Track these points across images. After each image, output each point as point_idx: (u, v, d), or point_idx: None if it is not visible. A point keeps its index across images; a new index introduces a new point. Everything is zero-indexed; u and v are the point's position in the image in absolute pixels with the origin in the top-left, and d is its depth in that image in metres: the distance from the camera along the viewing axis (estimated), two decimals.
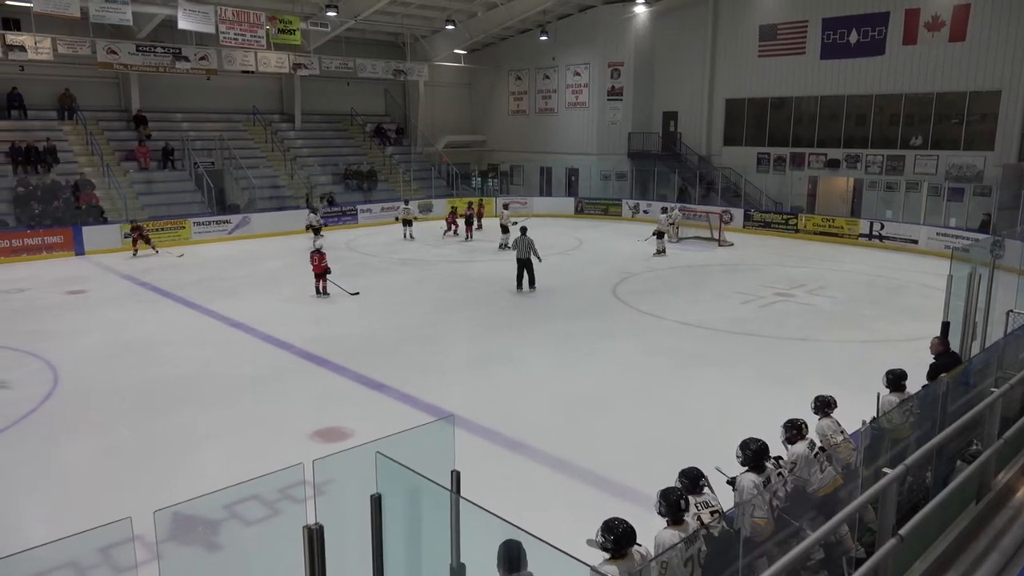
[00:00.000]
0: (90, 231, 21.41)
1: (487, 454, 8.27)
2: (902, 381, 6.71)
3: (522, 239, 16.17)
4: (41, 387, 10.39)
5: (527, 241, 16.07)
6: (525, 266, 16.16)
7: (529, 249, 15.99)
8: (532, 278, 16.25)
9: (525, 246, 16.03)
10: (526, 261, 16.12)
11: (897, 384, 6.68)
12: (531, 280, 16.26)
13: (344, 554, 3.47)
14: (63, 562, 2.89)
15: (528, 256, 16.04)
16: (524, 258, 16.11)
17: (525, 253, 16.04)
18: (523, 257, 16.11)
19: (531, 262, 16.10)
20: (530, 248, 15.99)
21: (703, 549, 4.02)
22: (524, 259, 16.12)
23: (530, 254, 16.02)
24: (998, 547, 4.59)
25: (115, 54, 23.42)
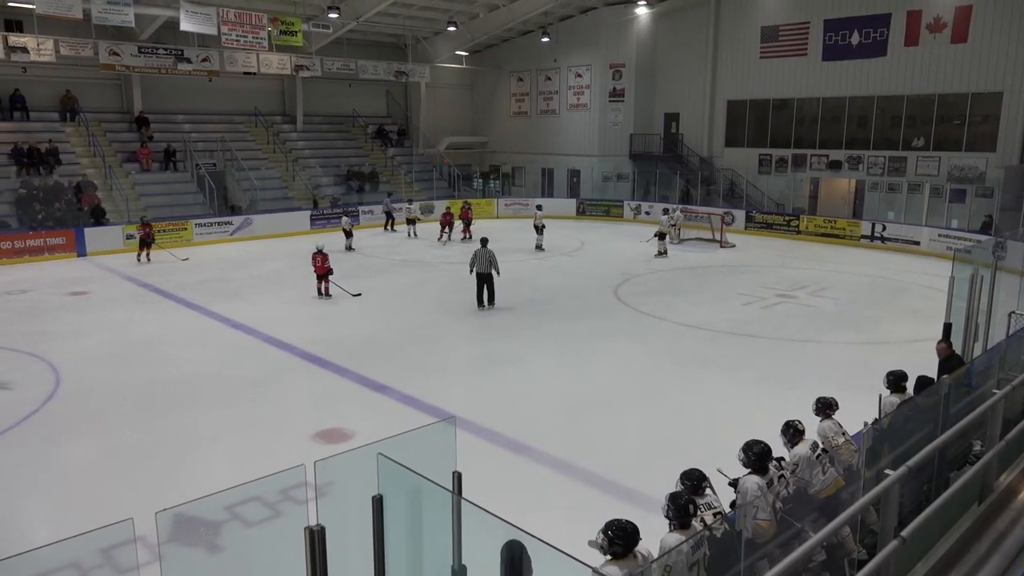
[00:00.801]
0: (92, 232, 21.44)
1: (489, 455, 8.27)
2: (903, 382, 6.70)
3: (482, 252, 14.77)
4: (43, 388, 10.40)
5: (487, 254, 14.72)
6: (485, 281, 14.83)
7: (490, 263, 14.69)
8: (492, 294, 14.92)
9: (486, 259, 14.68)
10: (487, 276, 14.79)
11: (898, 385, 6.67)
12: (491, 296, 14.92)
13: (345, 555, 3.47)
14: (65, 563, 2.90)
15: (489, 271, 14.73)
16: (484, 272, 14.75)
17: (485, 267, 14.69)
18: (483, 271, 14.74)
19: (492, 277, 14.81)
20: (491, 262, 14.70)
21: (707, 554, 4.02)
22: (484, 274, 14.77)
23: (491, 268, 14.74)
24: (1000, 549, 4.58)
25: (117, 55, 23.46)
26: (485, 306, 14.84)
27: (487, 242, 15.15)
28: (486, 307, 14.83)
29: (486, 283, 14.82)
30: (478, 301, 14.87)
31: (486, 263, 14.70)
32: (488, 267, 14.72)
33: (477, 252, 14.84)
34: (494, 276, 14.82)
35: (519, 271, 19.33)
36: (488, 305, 14.85)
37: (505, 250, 22.51)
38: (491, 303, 14.90)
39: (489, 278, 14.82)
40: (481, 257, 14.74)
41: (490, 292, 14.89)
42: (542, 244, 22.51)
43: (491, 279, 14.82)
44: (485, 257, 14.72)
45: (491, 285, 14.88)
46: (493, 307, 14.84)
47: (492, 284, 14.88)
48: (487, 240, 15.26)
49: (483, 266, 14.71)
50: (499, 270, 14.84)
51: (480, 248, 14.91)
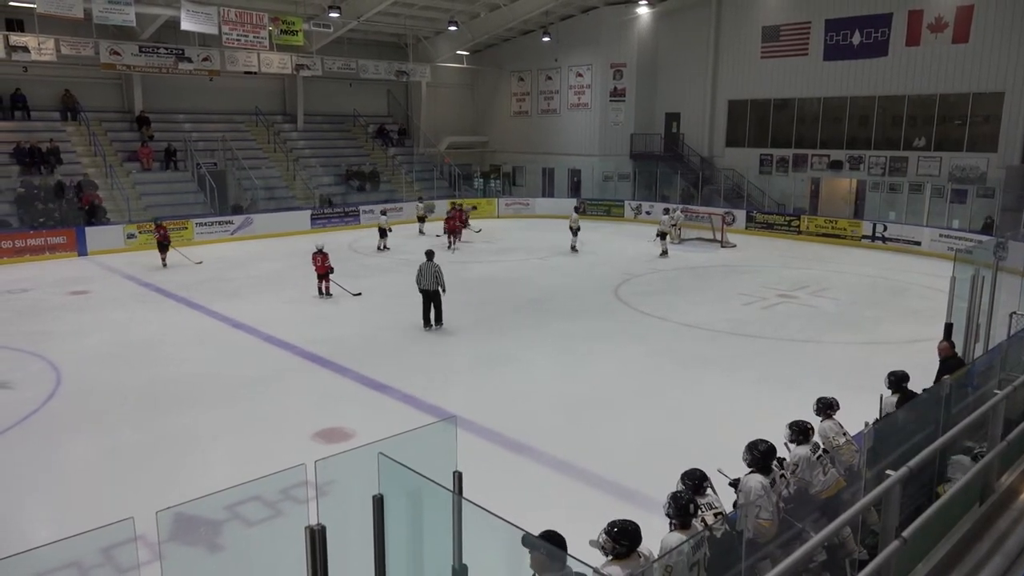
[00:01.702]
0: (93, 232, 21.45)
1: (489, 455, 8.27)
2: (904, 383, 6.70)
3: (427, 266, 13.32)
4: (44, 387, 10.40)
5: (433, 269, 13.26)
6: (432, 299, 13.37)
7: (436, 279, 13.25)
8: (439, 313, 13.45)
9: (431, 275, 13.23)
10: (433, 294, 13.32)
11: (899, 386, 6.67)
12: (438, 315, 13.44)
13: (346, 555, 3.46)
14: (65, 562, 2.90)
15: (435, 287, 13.28)
16: (430, 290, 13.29)
17: (431, 283, 13.25)
18: (429, 288, 13.27)
19: (439, 294, 13.37)
20: (437, 277, 13.25)
21: (708, 554, 4.02)
22: (430, 291, 13.30)
23: (437, 285, 13.30)
24: (1001, 549, 4.57)
25: (118, 55, 23.47)
26: (432, 326, 13.39)
27: (433, 255, 13.71)
28: (432, 327, 13.38)
29: (432, 301, 13.38)
30: (424, 321, 13.41)
31: (431, 279, 13.26)
32: (434, 283, 13.28)
33: (422, 267, 13.35)
34: (441, 294, 13.43)
35: (519, 271, 19.35)
36: (435, 325, 13.41)
37: (505, 250, 22.59)
38: (438, 322, 13.46)
39: (436, 296, 13.40)
40: (426, 272, 13.29)
41: (437, 311, 13.46)
42: (576, 245, 22.21)
43: (438, 297, 13.42)
44: (431, 272, 13.27)
45: (438, 303, 13.46)
46: (441, 327, 13.41)
47: (439, 302, 13.46)
48: (433, 254, 13.78)
49: (428, 282, 13.27)
50: (445, 287, 13.43)
51: (425, 262, 13.43)
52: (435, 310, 13.44)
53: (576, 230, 22.46)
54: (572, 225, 22.56)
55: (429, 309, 13.42)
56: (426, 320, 13.43)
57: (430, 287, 13.28)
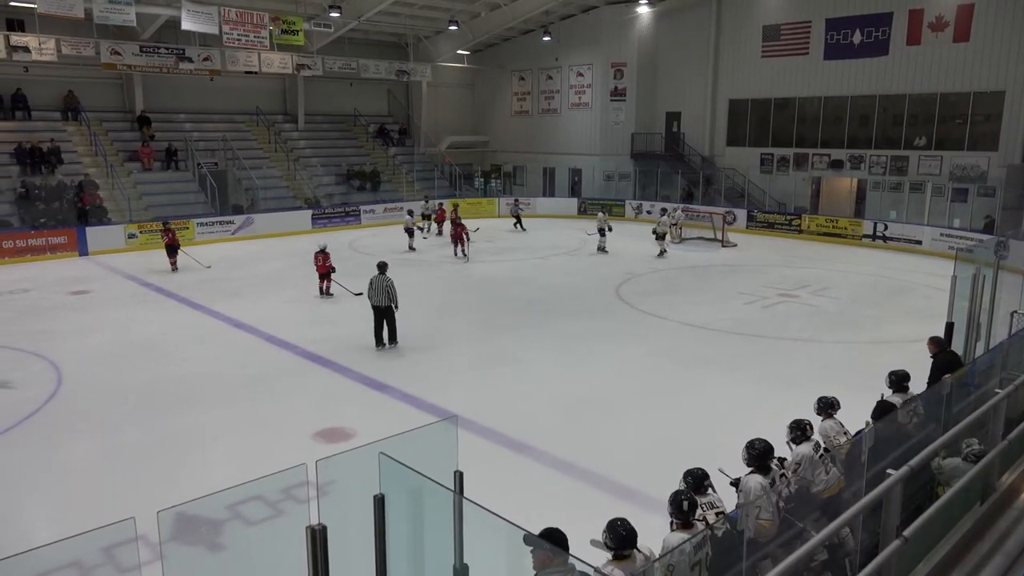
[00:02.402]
0: (94, 232, 21.46)
1: (490, 455, 8.27)
2: (905, 382, 6.70)
3: (378, 280, 12.13)
4: (45, 387, 10.41)
5: (385, 283, 12.07)
6: (384, 316, 12.18)
7: (388, 294, 12.07)
8: (393, 331, 12.28)
9: (383, 289, 12.04)
10: (385, 310, 12.12)
11: (900, 385, 6.68)
12: (391, 333, 12.27)
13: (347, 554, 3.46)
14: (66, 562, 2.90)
15: (389, 303, 12.09)
16: (382, 306, 12.10)
17: (383, 299, 12.05)
18: (381, 305, 12.09)
19: (392, 311, 12.18)
20: (389, 292, 12.06)
21: (709, 554, 4.02)
22: (383, 307, 12.11)
23: (390, 301, 12.11)
24: (1002, 549, 4.57)
25: (119, 55, 23.48)
26: (385, 345, 12.22)
27: (385, 268, 12.44)
28: (386, 346, 12.22)
29: (385, 318, 12.18)
30: (376, 339, 12.23)
31: (383, 294, 12.05)
32: (386, 299, 12.06)
33: (373, 280, 12.20)
34: (394, 310, 12.23)
35: (520, 270, 19.34)
36: (389, 344, 12.24)
37: (505, 249, 22.58)
38: (392, 341, 12.28)
39: (388, 312, 12.17)
40: (377, 287, 12.08)
41: (391, 329, 12.27)
42: (605, 246, 21.95)
43: (391, 313, 12.20)
44: (382, 287, 12.06)
45: (391, 320, 12.25)
46: (395, 346, 12.27)
47: (393, 319, 12.26)
48: (386, 266, 12.50)
49: (379, 298, 12.06)
50: (398, 303, 12.19)
51: (376, 276, 12.23)
52: (388, 328, 12.25)
53: (604, 231, 21.98)
54: (600, 226, 22.11)
55: (382, 327, 12.21)
56: (378, 339, 12.21)
57: (381, 303, 12.06)
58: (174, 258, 18.89)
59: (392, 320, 12.29)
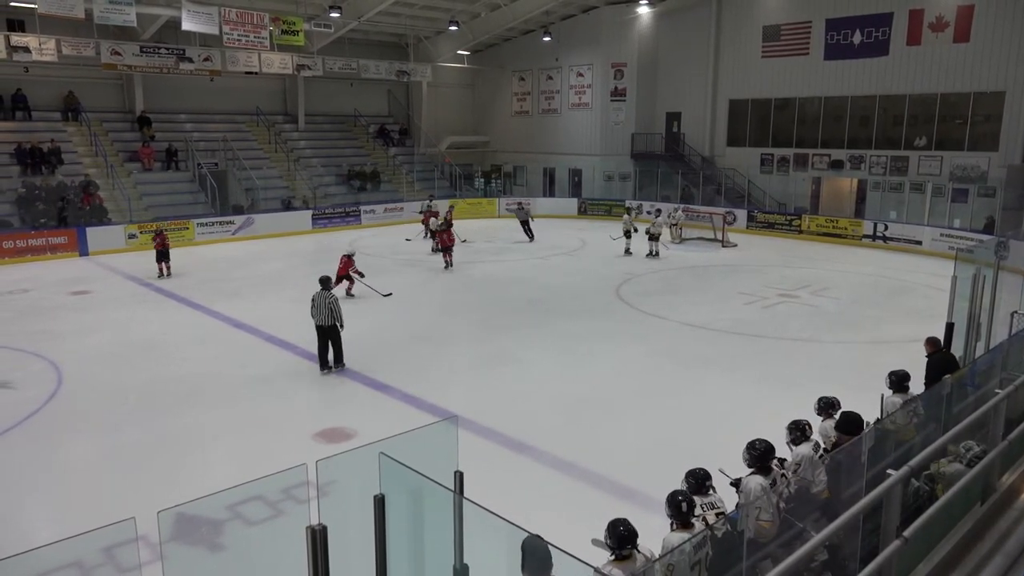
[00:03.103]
0: (94, 232, 21.46)
1: (490, 455, 8.27)
2: (905, 382, 6.70)
3: (320, 297, 10.98)
4: (45, 387, 10.41)
5: (327, 300, 10.93)
6: (328, 336, 11.00)
7: (331, 312, 10.90)
8: (338, 352, 11.10)
9: (325, 307, 10.89)
10: (328, 330, 10.96)
11: (900, 385, 6.67)
12: (337, 355, 11.10)
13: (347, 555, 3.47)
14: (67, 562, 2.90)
15: (332, 322, 10.93)
16: (325, 325, 10.93)
17: (326, 318, 10.89)
18: (324, 324, 10.92)
19: (336, 330, 11.01)
20: (332, 310, 10.91)
21: (709, 553, 4.02)
22: (326, 327, 10.94)
23: (333, 319, 10.94)
24: (1002, 549, 4.57)
25: (119, 55, 23.49)
26: (331, 369, 11.06)
27: (328, 284, 11.38)
28: (332, 370, 11.05)
29: (329, 338, 11.03)
30: (320, 362, 11.06)
31: (325, 312, 10.90)
32: (329, 318, 10.92)
33: (315, 297, 11.06)
34: (339, 329, 11.06)
35: (520, 270, 19.35)
36: (335, 367, 11.08)
37: (504, 250, 22.58)
38: (338, 364, 11.11)
39: (333, 332, 11.02)
40: (319, 304, 10.95)
41: (336, 350, 11.11)
42: (629, 248, 21.51)
43: (335, 333, 11.05)
44: (324, 304, 10.92)
45: (336, 341, 11.09)
46: (342, 368, 11.11)
47: (338, 340, 11.10)
48: (328, 281, 11.46)
49: (322, 316, 10.92)
50: (343, 321, 11.07)
51: (318, 292, 11.09)
52: (334, 349, 11.09)
53: (630, 232, 21.55)
54: (627, 228, 21.66)
55: (326, 348, 11.03)
56: (322, 362, 11.03)
57: (324, 322, 10.92)
58: (162, 263, 18.10)
59: (337, 340, 11.10)
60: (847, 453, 4.78)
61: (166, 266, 18.21)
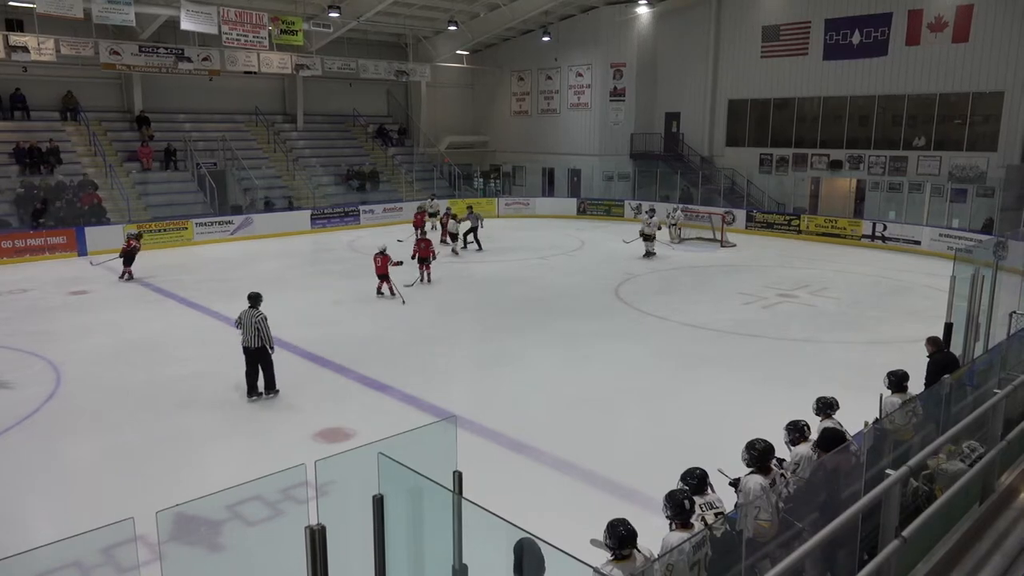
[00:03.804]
0: (93, 232, 21.43)
1: (490, 455, 8.27)
2: (904, 382, 6.70)
3: (248, 315, 9.87)
4: (44, 387, 10.40)
5: (255, 319, 9.80)
6: (257, 359, 9.86)
7: (257, 333, 9.76)
8: (269, 377, 9.97)
9: (252, 327, 9.77)
10: (257, 352, 9.81)
11: (899, 385, 6.68)
12: (268, 380, 9.97)
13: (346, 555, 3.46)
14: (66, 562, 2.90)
15: (262, 344, 9.79)
16: (252, 347, 9.78)
17: (253, 339, 9.76)
18: (250, 346, 9.78)
19: (266, 353, 9.88)
20: (259, 331, 9.76)
21: (709, 553, 4.02)
22: (253, 349, 9.78)
23: (261, 341, 9.78)
24: (1001, 549, 4.58)
25: (118, 55, 23.46)
26: (262, 395, 9.92)
27: (257, 301, 10.08)
28: (262, 396, 9.92)
29: (259, 362, 9.88)
30: (248, 387, 9.87)
31: (252, 333, 9.76)
32: (256, 339, 9.75)
33: (242, 315, 9.96)
34: (269, 352, 9.91)
35: (520, 271, 19.34)
36: (266, 393, 9.94)
37: (505, 249, 22.57)
38: (269, 390, 9.97)
39: (261, 355, 9.85)
40: (245, 324, 9.85)
41: (266, 375, 9.96)
42: (653, 250, 21.13)
43: (265, 356, 9.88)
44: (251, 323, 9.79)
45: (266, 364, 9.93)
46: (274, 396, 9.98)
47: (268, 363, 9.94)
48: (258, 298, 10.12)
49: (248, 337, 9.79)
50: (272, 343, 9.94)
51: (246, 309, 9.95)
52: (264, 374, 9.96)
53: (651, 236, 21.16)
54: (646, 231, 21.35)
55: (254, 372, 9.88)
56: (250, 387, 9.87)
57: (251, 343, 9.76)
58: (128, 267, 17.71)
59: (267, 364, 9.95)
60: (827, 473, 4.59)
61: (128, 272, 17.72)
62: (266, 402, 9.93)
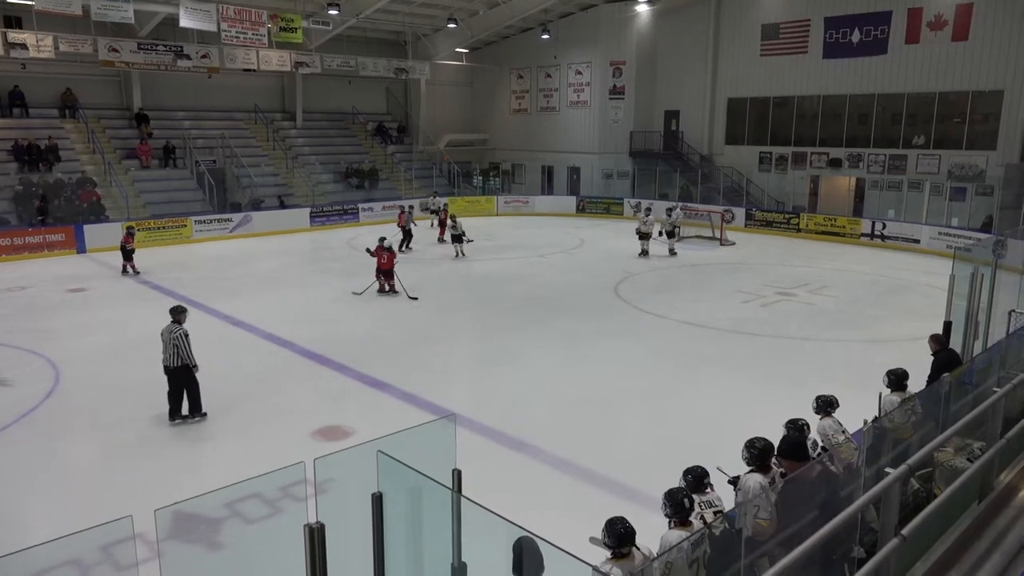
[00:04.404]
0: (91, 229, 21.41)
1: (489, 453, 8.27)
2: (904, 381, 6.71)
3: (167, 331, 9.00)
4: (42, 385, 10.39)
5: (174, 335, 8.93)
6: (178, 380, 8.97)
7: (176, 351, 8.89)
8: (194, 399, 9.09)
9: (171, 344, 8.90)
10: (176, 372, 8.94)
11: (899, 384, 6.68)
12: (192, 403, 9.09)
13: (345, 553, 3.46)
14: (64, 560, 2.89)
15: (182, 363, 8.94)
16: (172, 367, 8.93)
17: (173, 358, 8.90)
18: (171, 365, 8.93)
19: (189, 372, 9.01)
20: (178, 348, 8.89)
21: (707, 551, 4.02)
22: (175, 368, 8.93)
23: (180, 360, 8.91)
24: (1000, 547, 4.58)
25: (117, 52, 23.43)
26: (187, 418, 9.06)
27: (179, 314, 9.17)
28: (188, 419, 9.05)
29: (182, 382, 9.00)
30: (170, 410, 9.00)
31: (170, 351, 8.92)
32: (176, 358, 8.91)
33: (162, 332, 9.06)
34: (192, 371, 9.02)
35: (519, 269, 19.33)
36: (191, 416, 9.07)
37: (504, 247, 22.56)
38: (194, 412, 9.10)
39: (183, 375, 8.98)
40: (165, 340, 8.98)
41: (190, 396, 9.08)
42: (675, 248, 21.12)
43: (188, 376, 9.01)
44: (169, 341, 8.93)
45: (190, 386, 9.05)
46: (200, 420, 9.08)
47: (192, 384, 9.05)
48: (179, 312, 9.22)
49: (168, 355, 8.95)
50: (194, 361, 9.01)
51: (167, 325, 9.08)
52: (188, 395, 9.07)
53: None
54: (665, 229, 21.21)
55: (177, 393, 9.00)
56: (172, 409, 9.01)
57: (170, 363, 8.93)
58: (128, 262, 17.99)
59: (191, 384, 9.05)
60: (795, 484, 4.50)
61: (131, 265, 18.01)
62: (265, 400, 9.92)
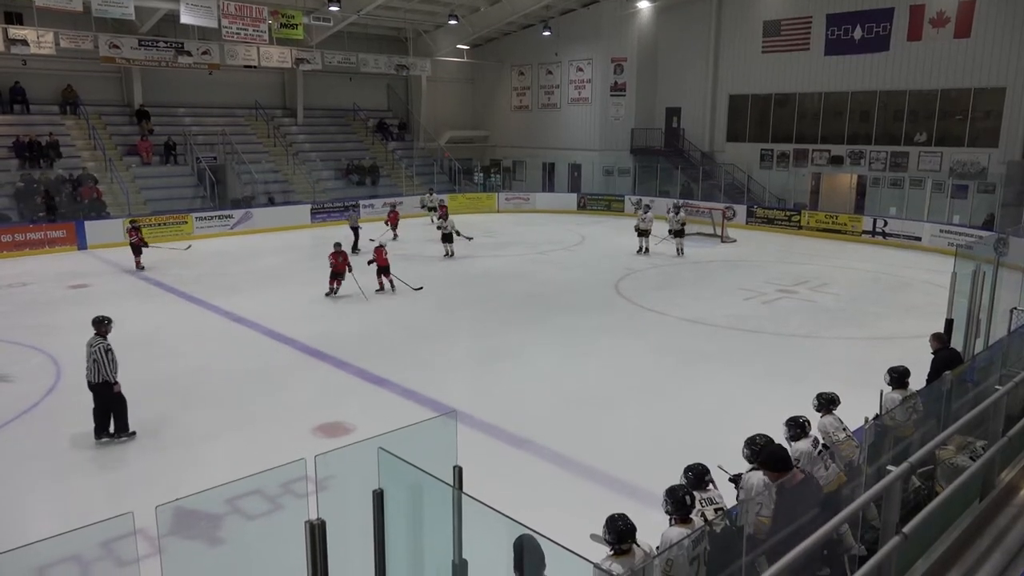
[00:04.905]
0: (92, 225, 21.42)
1: (490, 450, 8.27)
2: (905, 378, 6.70)
3: (89, 345, 8.44)
4: (44, 381, 10.41)
5: (95, 349, 8.36)
6: (102, 397, 8.37)
7: (96, 366, 8.33)
8: (120, 418, 8.47)
9: (90, 359, 8.39)
10: (100, 388, 8.36)
11: (900, 381, 6.67)
12: (119, 423, 8.46)
13: (346, 549, 3.46)
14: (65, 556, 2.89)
15: (102, 379, 8.36)
16: (96, 383, 8.36)
17: (94, 373, 8.36)
18: (93, 381, 8.37)
19: (110, 388, 8.39)
20: (97, 363, 8.32)
21: (708, 548, 4.02)
22: (97, 384, 8.36)
23: (100, 376, 8.35)
24: (1001, 545, 4.58)
25: (117, 48, 23.41)
26: (113, 437, 8.43)
27: (101, 326, 8.61)
28: (114, 439, 8.42)
29: (108, 402, 8.40)
30: (95, 427, 8.39)
31: (90, 366, 8.36)
32: (96, 373, 8.33)
33: (87, 346, 8.49)
34: (113, 387, 8.42)
35: (519, 265, 19.33)
36: (118, 436, 8.43)
37: (505, 244, 22.55)
38: (120, 432, 8.47)
39: (105, 392, 8.36)
40: (86, 354, 8.43)
41: (115, 413, 8.46)
42: (683, 248, 20.63)
43: (109, 393, 8.38)
44: (89, 355, 8.38)
45: (115, 403, 8.45)
46: (127, 439, 8.45)
47: (117, 401, 8.46)
48: (102, 323, 8.65)
49: (88, 370, 8.39)
50: (115, 377, 8.43)
51: (90, 338, 8.52)
52: (113, 412, 8.45)
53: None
54: (673, 228, 20.88)
55: (102, 410, 8.39)
56: (98, 427, 8.38)
57: (92, 378, 8.34)
58: (139, 257, 18.22)
59: (113, 401, 8.41)
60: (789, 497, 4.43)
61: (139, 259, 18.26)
62: (266, 397, 9.92)
